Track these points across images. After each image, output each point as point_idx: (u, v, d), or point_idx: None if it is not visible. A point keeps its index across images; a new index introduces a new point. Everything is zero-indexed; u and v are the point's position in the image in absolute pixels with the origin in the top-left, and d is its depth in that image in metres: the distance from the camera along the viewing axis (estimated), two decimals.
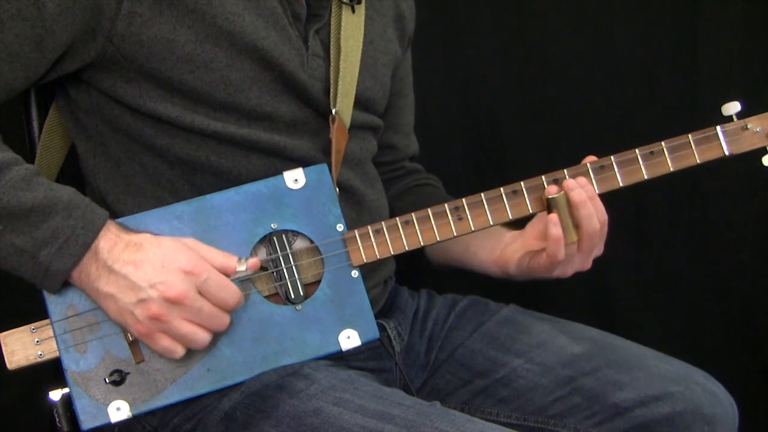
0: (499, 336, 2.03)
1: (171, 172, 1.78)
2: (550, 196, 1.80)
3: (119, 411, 1.67)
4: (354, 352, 1.78)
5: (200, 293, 1.63)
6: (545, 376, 1.96)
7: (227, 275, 1.66)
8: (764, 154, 1.86)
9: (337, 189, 1.80)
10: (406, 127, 2.24)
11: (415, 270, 2.15)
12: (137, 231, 1.68)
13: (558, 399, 1.94)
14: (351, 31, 1.90)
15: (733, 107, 1.83)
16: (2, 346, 1.68)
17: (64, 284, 1.66)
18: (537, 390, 1.96)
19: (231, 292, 1.65)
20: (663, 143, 1.82)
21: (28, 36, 1.66)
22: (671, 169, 1.83)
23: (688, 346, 2.87)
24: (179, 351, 1.65)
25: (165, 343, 1.64)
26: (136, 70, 1.73)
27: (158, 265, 1.62)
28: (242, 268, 1.67)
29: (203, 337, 1.65)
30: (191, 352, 1.67)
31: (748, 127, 1.84)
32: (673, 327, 2.91)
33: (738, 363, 2.92)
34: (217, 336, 1.68)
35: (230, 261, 1.67)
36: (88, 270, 1.63)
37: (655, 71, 2.77)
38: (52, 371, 1.72)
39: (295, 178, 1.75)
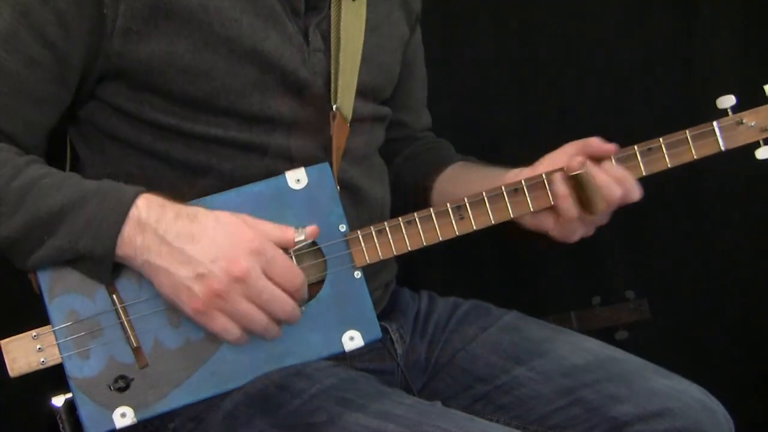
0: (501, 342, 2.02)
1: (171, 175, 1.77)
2: (574, 173, 1.79)
3: (124, 417, 1.67)
4: (356, 354, 1.78)
5: (264, 273, 1.61)
6: (546, 385, 1.95)
7: (287, 248, 1.65)
8: (757, 148, 1.86)
9: (338, 186, 1.79)
10: (415, 104, 2.23)
11: (415, 271, 2.15)
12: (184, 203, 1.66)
13: (558, 409, 1.93)
14: (351, 20, 1.87)
15: (727, 101, 1.83)
16: (4, 353, 1.67)
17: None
18: (537, 399, 1.95)
19: (295, 274, 1.64)
20: (661, 140, 1.82)
21: (48, 79, 1.70)
22: (668, 166, 1.84)
23: (686, 348, 2.87)
24: (235, 332, 1.63)
25: (221, 321, 1.62)
26: (136, 83, 1.73)
27: (221, 240, 1.59)
28: (301, 237, 1.66)
29: (261, 318, 1.62)
30: (196, 357, 1.67)
31: (743, 122, 1.84)
32: (672, 329, 2.90)
33: (736, 367, 2.91)
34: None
35: (287, 233, 1.65)
36: (133, 244, 1.61)
37: (651, 69, 2.78)
38: (55, 375, 1.71)
39: (297, 178, 1.74)
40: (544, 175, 1.81)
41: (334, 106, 1.83)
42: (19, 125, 1.71)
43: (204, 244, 1.59)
